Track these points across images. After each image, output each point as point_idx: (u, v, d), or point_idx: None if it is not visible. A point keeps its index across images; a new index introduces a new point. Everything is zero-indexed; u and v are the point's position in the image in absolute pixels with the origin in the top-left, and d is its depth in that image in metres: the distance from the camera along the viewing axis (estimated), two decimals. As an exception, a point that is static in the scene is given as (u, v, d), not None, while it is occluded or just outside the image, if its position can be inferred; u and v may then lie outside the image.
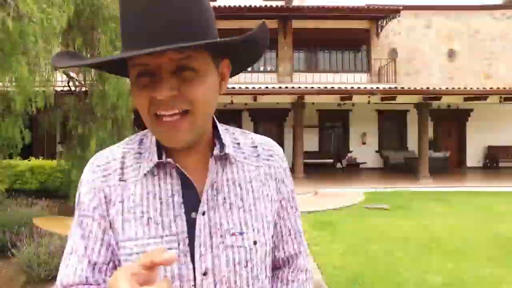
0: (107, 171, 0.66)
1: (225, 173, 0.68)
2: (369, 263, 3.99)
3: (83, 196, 0.66)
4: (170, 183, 0.64)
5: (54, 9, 4.36)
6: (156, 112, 0.58)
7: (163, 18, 0.54)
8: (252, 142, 0.74)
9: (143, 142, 0.69)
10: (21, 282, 3.57)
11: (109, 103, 5.89)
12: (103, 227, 0.64)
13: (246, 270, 0.65)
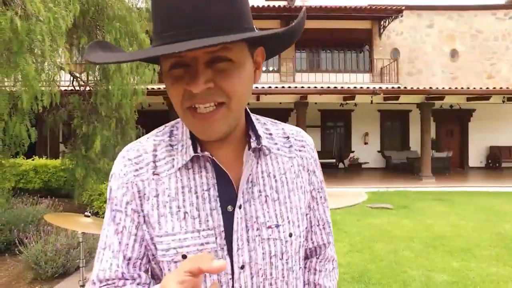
0: (139, 164, 0.65)
1: (260, 165, 0.67)
2: (374, 261, 4.00)
3: (115, 191, 0.65)
4: (205, 177, 0.63)
5: (60, 8, 4.39)
6: (191, 105, 0.57)
7: (199, 7, 0.52)
8: (283, 132, 0.74)
9: (173, 133, 0.68)
10: (29, 279, 3.60)
11: (114, 103, 5.91)
12: (137, 222, 0.63)
13: (282, 262, 0.65)
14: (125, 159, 0.66)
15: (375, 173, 13.02)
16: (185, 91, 0.56)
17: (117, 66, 5.78)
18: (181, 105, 0.58)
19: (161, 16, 0.55)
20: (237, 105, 0.59)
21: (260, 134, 0.67)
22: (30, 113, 4.56)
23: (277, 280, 0.65)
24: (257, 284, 0.63)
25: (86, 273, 2.45)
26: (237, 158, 0.66)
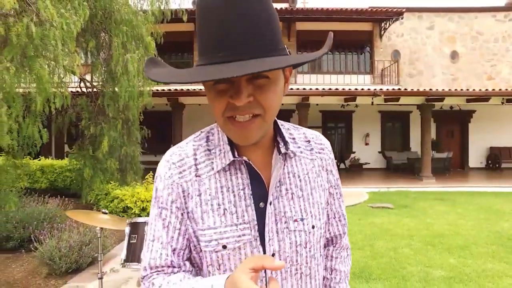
0: (182, 167, 0.74)
1: (286, 166, 0.77)
2: (375, 258, 4.14)
3: (161, 191, 0.74)
4: (240, 178, 0.73)
5: (71, 13, 4.55)
6: (232, 116, 0.65)
7: (245, 32, 0.59)
8: (305, 136, 0.84)
9: (209, 139, 0.77)
10: (44, 274, 3.75)
11: (121, 104, 6.06)
12: (180, 218, 0.73)
13: (306, 250, 0.76)
14: (169, 163, 0.75)
15: (376, 173, 13.15)
16: (228, 103, 0.64)
17: (124, 69, 5.93)
18: (222, 115, 0.66)
19: (208, 37, 0.62)
20: (270, 116, 0.68)
21: (287, 140, 0.77)
22: (42, 115, 4.71)
23: (302, 266, 0.76)
24: (285, 269, 0.74)
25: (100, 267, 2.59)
26: (267, 160, 0.75)
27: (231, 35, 0.60)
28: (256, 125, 0.66)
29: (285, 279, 0.74)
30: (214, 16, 0.61)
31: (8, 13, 3.67)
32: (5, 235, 4.38)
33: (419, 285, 3.35)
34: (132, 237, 2.12)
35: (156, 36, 7.24)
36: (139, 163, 7.57)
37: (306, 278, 0.77)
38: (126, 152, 7.03)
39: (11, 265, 4.06)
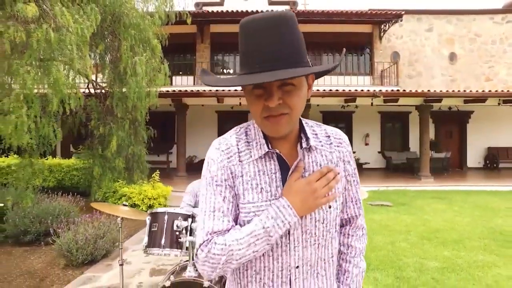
0: (229, 154, 0.92)
1: (310, 157, 0.94)
2: (373, 251, 4.36)
3: (215, 171, 0.91)
4: (273, 164, 0.91)
5: (84, 19, 4.78)
6: (267, 115, 0.84)
7: (275, 50, 0.79)
8: (325, 132, 1.00)
9: (248, 134, 0.96)
10: (62, 265, 3.98)
11: (130, 105, 6.28)
12: (232, 193, 0.90)
13: (323, 226, 0.92)
14: (219, 150, 0.93)
15: (375, 173, 13.37)
16: (264, 106, 0.84)
17: (133, 71, 6.16)
18: (260, 114, 0.86)
19: (249, 54, 0.83)
20: (296, 115, 0.87)
21: (309, 136, 0.95)
22: (57, 115, 4.94)
23: (319, 238, 0.91)
24: (305, 239, 0.90)
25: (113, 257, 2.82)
26: (293, 152, 0.94)
27: (266, 52, 0.80)
28: (285, 121, 0.86)
29: (305, 247, 0.91)
30: (254, 37, 0.82)
31: (28, 20, 3.90)
32: (22, 229, 4.62)
33: (414, 274, 3.58)
34: (153, 226, 2.34)
35: (161, 39, 7.48)
36: (145, 162, 7.80)
37: (322, 248, 0.93)
38: (133, 152, 7.27)
39: (29, 257, 4.30)
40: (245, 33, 0.84)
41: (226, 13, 13.31)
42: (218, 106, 13.37)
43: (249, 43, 0.83)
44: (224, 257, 0.85)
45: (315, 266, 0.93)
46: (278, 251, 0.89)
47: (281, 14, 0.82)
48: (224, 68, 15.50)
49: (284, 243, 0.89)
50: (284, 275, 0.90)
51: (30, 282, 3.56)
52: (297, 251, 0.90)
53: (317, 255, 0.93)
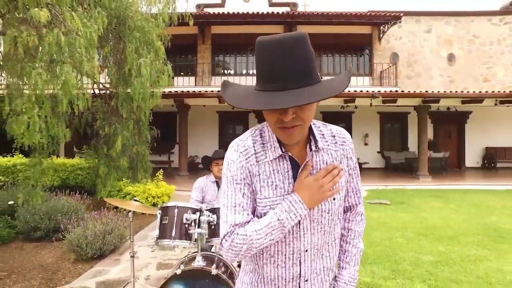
0: (247, 155, 1.04)
1: (317, 156, 1.07)
2: (371, 246, 4.53)
3: (235, 171, 1.04)
4: (285, 164, 1.04)
5: (92, 23, 4.96)
6: (282, 126, 0.95)
7: (288, 69, 0.88)
8: (331, 132, 1.12)
9: (262, 135, 1.07)
10: (72, 259, 4.15)
11: (135, 105, 6.45)
12: (250, 190, 1.04)
13: (328, 215, 1.07)
14: (238, 152, 1.05)
15: (375, 172, 13.53)
16: (278, 118, 0.94)
17: (138, 72, 6.33)
18: (274, 124, 0.97)
19: (263, 69, 0.92)
20: (307, 126, 0.99)
21: (317, 138, 1.06)
22: (65, 116, 5.11)
23: (325, 225, 1.06)
24: (313, 227, 1.05)
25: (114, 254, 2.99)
26: (302, 152, 1.07)
27: (277, 70, 0.89)
28: (297, 132, 0.97)
29: (313, 234, 1.07)
30: (267, 55, 0.90)
31: (40, 24, 4.06)
32: (33, 226, 4.79)
33: (409, 268, 3.75)
34: (163, 219, 2.51)
35: (164, 40, 7.64)
36: (149, 161, 7.97)
37: (327, 234, 1.09)
38: (137, 151, 7.44)
39: (40, 252, 4.47)
40: (260, 50, 0.92)
41: (227, 15, 13.49)
42: (219, 107, 13.55)
43: (263, 60, 0.92)
44: (246, 245, 1.00)
45: (321, 249, 1.10)
46: (290, 237, 1.06)
47: (297, 38, 0.91)
48: (225, 69, 15.67)
49: (295, 231, 1.05)
50: (295, 258, 1.08)
51: (43, 275, 3.73)
52: (306, 238, 1.07)
53: (323, 240, 1.09)
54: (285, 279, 1.09)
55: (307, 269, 1.09)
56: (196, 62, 14.94)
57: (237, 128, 15.12)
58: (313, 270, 1.10)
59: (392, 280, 3.43)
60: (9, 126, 4.15)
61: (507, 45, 14.98)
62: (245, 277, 1.20)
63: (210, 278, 2.25)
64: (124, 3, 6.39)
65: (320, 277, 1.12)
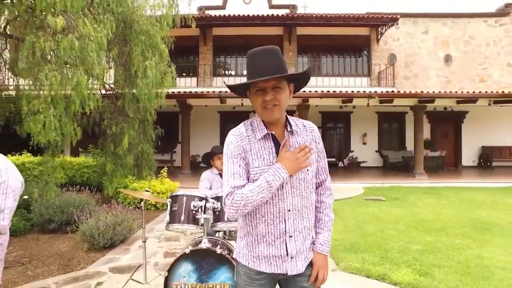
0: (241, 137, 1.45)
1: (292, 138, 1.48)
2: (364, 237, 4.84)
3: (232, 149, 1.43)
4: (270, 143, 1.45)
5: (102, 27, 5.27)
6: (264, 106, 1.39)
7: (271, 66, 1.36)
8: (302, 123, 1.55)
9: (252, 124, 1.49)
10: (85, 248, 4.47)
11: (141, 106, 6.76)
12: (244, 162, 1.43)
13: (304, 183, 1.45)
14: (234, 135, 1.46)
15: (372, 171, 13.83)
16: (262, 99, 1.39)
17: (143, 74, 6.64)
18: (260, 106, 1.41)
19: (253, 70, 1.39)
20: (283, 107, 1.42)
21: (291, 124, 1.49)
22: (77, 115, 5.43)
23: (302, 191, 1.44)
24: (292, 191, 1.42)
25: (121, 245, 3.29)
26: (281, 134, 1.48)
27: (263, 69, 1.37)
28: (276, 110, 1.42)
29: (293, 197, 1.44)
30: (256, 59, 1.40)
31: (56, 30, 4.38)
32: (47, 218, 5.11)
33: (397, 255, 4.06)
34: (173, 206, 2.82)
35: (167, 43, 7.95)
36: (153, 159, 8.28)
37: (304, 198, 1.46)
38: (142, 149, 7.74)
39: (55, 242, 4.79)
40: (250, 58, 1.43)
41: (228, 17, 13.81)
42: (220, 107, 13.86)
43: (253, 64, 1.42)
44: (243, 201, 1.35)
45: (301, 211, 1.46)
46: (276, 199, 1.42)
47: (272, 48, 1.42)
48: (226, 70, 15.98)
49: (279, 194, 1.41)
50: (280, 216, 1.43)
51: (60, 262, 4.04)
52: (288, 199, 1.43)
53: (302, 203, 1.46)
54: (274, 235, 1.43)
55: (290, 226, 1.44)
56: (198, 63, 15.25)
57: (238, 128, 15.42)
58: (295, 229, 1.45)
59: (380, 266, 3.74)
60: (27, 124, 4.46)
61: (503, 46, 15.28)
62: (241, 242, 1.55)
63: (215, 257, 2.56)
64: (130, 8, 6.70)
65: (302, 235, 1.47)
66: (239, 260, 1.54)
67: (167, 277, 2.58)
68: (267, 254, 1.45)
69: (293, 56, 15.21)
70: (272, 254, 1.45)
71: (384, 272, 3.54)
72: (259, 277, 1.48)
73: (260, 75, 1.36)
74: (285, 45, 15.17)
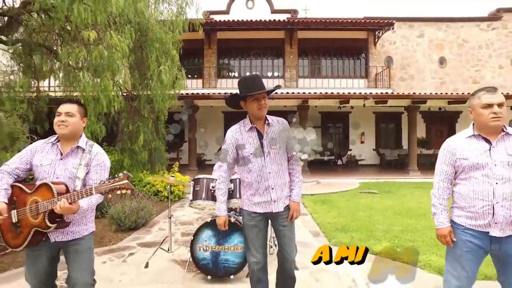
0: (235, 131, 2.40)
1: (269, 129, 2.40)
2: (354, 221, 5.55)
3: (228, 139, 2.39)
4: (254, 132, 2.38)
5: (124, 37, 5.99)
6: (260, 107, 2.30)
7: (260, 85, 2.30)
8: (277, 119, 2.46)
9: (244, 122, 2.41)
10: (113, 230, 5.19)
11: (156, 106, 7.48)
12: (235, 149, 2.39)
13: (278, 155, 2.38)
14: (232, 130, 2.42)
15: (370, 168, 14.52)
16: (258, 104, 2.31)
17: (158, 78, 7.36)
18: (256, 107, 2.32)
19: (248, 88, 2.30)
20: (266, 109, 2.37)
21: (269, 120, 2.42)
22: (101, 115, 6.15)
23: (277, 160, 2.36)
24: (271, 163, 2.34)
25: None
26: (262, 127, 2.40)
27: (255, 87, 2.30)
28: (264, 110, 2.35)
29: (272, 164, 2.35)
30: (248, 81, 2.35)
31: (88, 42, 5.11)
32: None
33: (381, 234, 4.76)
34: (196, 186, 3.53)
35: (177, 48, 8.66)
36: (165, 155, 9.01)
37: (279, 165, 2.38)
38: (155, 146, 8.47)
39: (86, 224, 5.50)
40: (244, 80, 2.37)
41: (232, 22, 14.53)
42: (224, 107, 14.54)
43: (246, 84, 2.32)
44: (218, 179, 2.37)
45: (278, 173, 2.33)
46: (261, 167, 2.31)
47: (257, 75, 2.33)
48: (229, 71, 16.71)
49: (264, 163, 2.30)
50: (265, 177, 2.30)
51: (94, 239, 4.75)
52: (269, 166, 2.31)
53: (278, 168, 2.35)
54: (262, 189, 2.32)
55: (271, 183, 2.30)
56: (203, 66, 15.98)
57: (241, 127, 16.13)
58: (275, 184, 2.31)
59: (365, 242, 4.44)
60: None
61: (495, 49, 15.95)
62: (243, 196, 2.42)
63: (230, 225, 3.27)
64: (146, 18, 7.42)
65: (280, 188, 2.35)
66: (243, 208, 2.44)
67: (193, 241, 3.30)
68: (259, 201, 2.36)
69: (294, 58, 15.92)
70: (262, 201, 2.35)
71: (368, 246, 4.24)
72: (255, 215, 2.38)
73: (255, 90, 2.26)
74: (287, 48, 15.90)
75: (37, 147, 2.15)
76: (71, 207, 1.89)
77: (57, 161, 2.08)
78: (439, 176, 2.12)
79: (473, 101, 2.06)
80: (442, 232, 2.04)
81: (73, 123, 2.11)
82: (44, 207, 1.94)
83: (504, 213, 1.84)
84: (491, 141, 1.94)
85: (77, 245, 2.12)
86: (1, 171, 2.10)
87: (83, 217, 2.14)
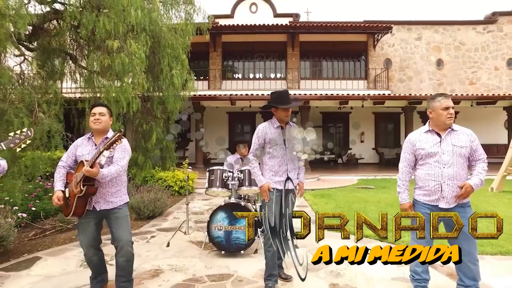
0: (265, 127, 3.05)
1: (289, 128, 3.08)
2: (349, 211, 6.14)
3: (259, 132, 3.04)
4: (280, 130, 3.04)
5: (141, 44, 6.62)
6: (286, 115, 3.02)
7: (290, 99, 3.04)
8: (294, 123, 3.16)
9: (272, 121, 3.08)
10: (133, 218, 5.81)
11: (169, 107, 8.11)
12: (263, 140, 3.04)
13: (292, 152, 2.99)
14: (262, 126, 3.08)
15: (369, 166, 15.09)
16: (286, 113, 3.02)
17: (170, 81, 7.98)
18: (284, 115, 3.02)
19: (282, 101, 3.02)
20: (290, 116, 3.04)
21: (290, 123, 3.13)
22: (120, 115, 6.78)
23: (291, 155, 3.01)
24: (287, 156, 3.00)
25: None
26: (285, 127, 3.07)
27: (288, 101, 3.03)
28: (289, 116, 3.05)
29: (289, 157, 2.98)
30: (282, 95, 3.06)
31: (111, 50, 5.74)
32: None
33: (371, 215, 5.34)
34: (211, 176, 4.14)
35: (186, 52, 9.28)
36: (174, 153, 9.64)
37: (293, 156, 3.01)
38: (166, 145, 9.10)
39: (109, 213, 6.14)
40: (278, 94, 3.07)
41: (237, 26, 15.15)
42: (229, 108, 15.18)
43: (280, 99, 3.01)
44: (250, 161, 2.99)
45: (293, 161, 2.99)
46: (282, 157, 2.94)
47: (286, 91, 3.05)
48: (234, 74, 17.32)
49: (284, 155, 2.93)
50: (284, 163, 2.94)
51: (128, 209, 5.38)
52: (287, 156, 2.96)
53: (291, 158, 2.97)
54: (281, 171, 2.93)
55: (288, 167, 2.91)
56: (209, 68, 16.61)
57: (245, 128, 16.76)
58: (291, 168, 2.94)
59: (358, 227, 5.03)
60: (87, 121, 5.83)
61: (491, 52, 16.48)
62: (266, 176, 3.00)
63: (240, 209, 3.88)
64: (159, 26, 8.05)
65: (293, 171, 2.97)
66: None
67: (209, 222, 3.91)
68: (279, 180, 2.97)
69: (296, 61, 16.51)
70: (281, 180, 2.96)
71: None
72: (276, 191, 2.95)
73: (287, 103, 2.97)
74: (289, 50, 16.49)
75: (78, 142, 2.80)
76: (92, 170, 2.43)
77: (93, 150, 2.69)
78: (403, 163, 2.69)
79: (434, 104, 2.63)
80: (404, 207, 2.64)
81: (105, 121, 2.73)
82: (79, 177, 2.55)
83: (449, 189, 2.43)
84: (441, 135, 2.53)
85: (117, 213, 2.73)
86: (59, 166, 2.77)
87: (118, 190, 2.75)
